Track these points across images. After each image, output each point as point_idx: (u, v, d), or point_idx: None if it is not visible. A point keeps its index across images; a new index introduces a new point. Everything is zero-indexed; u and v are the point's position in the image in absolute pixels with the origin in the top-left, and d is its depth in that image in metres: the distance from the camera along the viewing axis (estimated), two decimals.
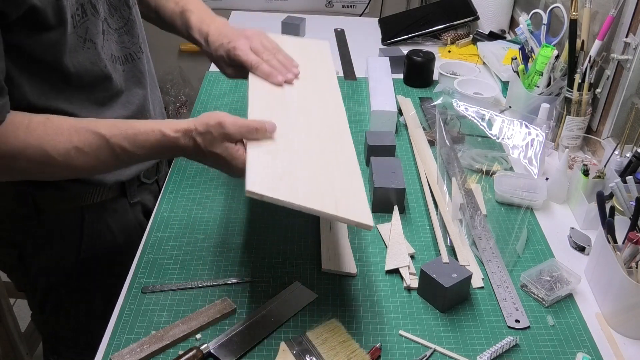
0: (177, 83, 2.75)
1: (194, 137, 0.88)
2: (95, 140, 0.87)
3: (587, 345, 0.88)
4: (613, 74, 1.26)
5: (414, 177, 1.23)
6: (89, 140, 0.87)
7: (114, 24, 1.01)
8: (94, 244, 1.10)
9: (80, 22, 0.91)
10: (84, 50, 0.93)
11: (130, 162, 0.93)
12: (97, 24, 0.95)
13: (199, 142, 0.88)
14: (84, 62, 0.94)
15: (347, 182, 0.86)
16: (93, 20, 0.94)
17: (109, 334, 0.87)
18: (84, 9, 0.92)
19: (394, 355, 0.85)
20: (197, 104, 1.46)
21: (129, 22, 1.05)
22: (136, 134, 0.88)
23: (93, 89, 0.98)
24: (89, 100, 0.98)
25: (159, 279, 0.96)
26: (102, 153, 0.88)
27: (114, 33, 1.01)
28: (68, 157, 0.87)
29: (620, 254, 0.92)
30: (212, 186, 1.17)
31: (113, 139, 0.88)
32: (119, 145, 0.88)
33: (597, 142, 1.28)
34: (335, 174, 0.87)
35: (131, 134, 0.88)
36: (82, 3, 0.91)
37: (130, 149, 0.89)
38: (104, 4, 0.98)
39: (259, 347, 0.85)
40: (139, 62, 1.08)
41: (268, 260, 1.00)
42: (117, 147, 0.88)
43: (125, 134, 0.88)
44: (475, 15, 1.83)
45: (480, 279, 0.98)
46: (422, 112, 1.45)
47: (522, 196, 1.15)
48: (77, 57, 0.93)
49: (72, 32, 0.90)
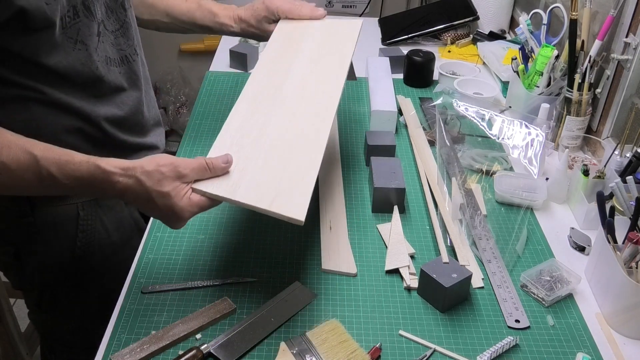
0: (177, 83, 2.75)
1: (138, 175, 0.82)
2: (26, 159, 0.82)
3: (587, 345, 0.88)
4: (613, 74, 1.26)
5: (414, 177, 1.23)
6: (19, 157, 0.82)
7: (110, 25, 1.01)
8: (88, 241, 1.10)
9: (70, 23, 0.91)
10: (74, 52, 0.93)
11: (55, 190, 0.86)
12: (91, 25, 0.95)
13: (143, 180, 0.82)
14: (74, 63, 0.94)
15: (298, 178, 0.87)
16: (86, 21, 0.94)
17: (109, 334, 0.87)
18: (76, 11, 0.91)
19: (394, 355, 0.85)
20: (197, 104, 1.46)
21: (125, 24, 1.05)
22: (68, 162, 0.83)
23: (84, 87, 0.98)
24: (82, 93, 0.99)
25: (159, 279, 0.96)
26: (27, 174, 0.83)
27: (110, 35, 1.01)
28: None
29: (620, 254, 0.92)
30: None
31: (43, 162, 0.82)
32: (46, 169, 0.82)
33: (597, 142, 1.28)
34: (291, 169, 0.89)
35: (63, 161, 0.83)
36: (74, 5, 0.91)
37: (57, 175, 0.83)
38: (101, 6, 0.98)
39: (259, 347, 0.85)
40: (134, 64, 1.08)
41: (268, 260, 1.00)
42: (44, 170, 0.82)
43: (57, 160, 0.83)
44: (475, 15, 1.83)
45: (480, 279, 0.98)
46: (422, 112, 1.45)
47: (522, 196, 1.15)
48: (67, 58, 0.93)
49: (60, 33, 0.89)
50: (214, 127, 1.37)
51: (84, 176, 0.83)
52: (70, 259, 1.10)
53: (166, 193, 0.82)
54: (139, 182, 0.82)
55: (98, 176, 0.83)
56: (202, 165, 0.85)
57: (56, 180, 0.83)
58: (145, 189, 0.82)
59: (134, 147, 1.11)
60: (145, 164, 0.83)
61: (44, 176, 0.83)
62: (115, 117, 1.05)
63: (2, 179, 0.83)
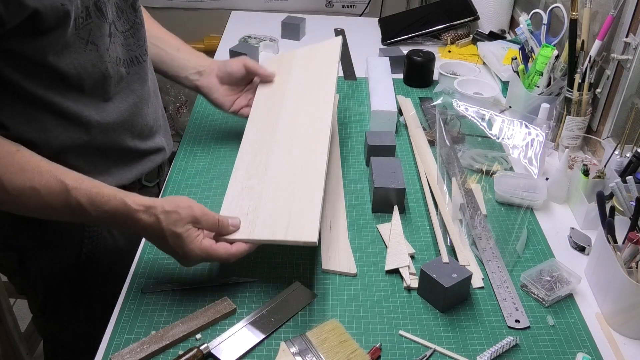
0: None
1: (157, 214, 0.86)
2: (57, 186, 0.85)
3: (587, 345, 0.88)
4: (613, 74, 1.26)
5: (414, 177, 1.23)
6: (50, 184, 0.85)
7: (120, 26, 1.01)
8: (94, 247, 1.09)
9: (83, 24, 0.91)
10: (85, 52, 0.93)
11: (81, 219, 0.89)
12: (103, 26, 0.95)
13: (161, 219, 0.86)
14: (85, 63, 0.93)
15: (305, 205, 0.94)
16: (98, 22, 0.93)
17: (109, 334, 0.87)
18: (89, 12, 0.91)
19: (394, 355, 0.85)
20: (197, 104, 1.46)
21: (135, 25, 1.05)
22: (97, 194, 0.86)
23: (93, 92, 0.98)
24: (90, 99, 0.98)
25: (159, 279, 0.96)
26: (57, 201, 0.86)
27: (120, 35, 1.01)
28: (21, 194, 0.84)
29: (620, 254, 0.92)
30: (212, 186, 1.17)
31: (74, 192, 0.85)
32: (76, 200, 0.85)
33: (597, 142, 1.28)
34: (297, 196, 0.96)
35: (93, 193, 0.86)
36: (87, 5, 0.91)
37: (87, 206, 0.86)
38: (112, 7, 0.98)
39: (259, 347, 0.85)
40: (145, 64, 1.08)
41: (268, 260, 1.00)
42: (74, 200, 0.85)
43: (88, 192, 0.86)
44: (475, 15, 1.83)
45: (480, 279, 0.98)
46: (422, 112, 1.45)
47: (522, 196, 1.15)
48: (78, 59, 0.92)
49: (73, 34, 0.89)
50: (214, 127, 1.37)
51: (110, 210, 0.87)
52: (75, 264, 1.10)
53: (179, 234, 0.87)
54: (157, 221, 0.87)
55: (123, 212, 0.87)
56: (215, 220, 0.90)
57: (84, 211, 0.86)
58: (161, 228, 0.87)
59: (141, 152, 1.10)
60: (165, 204, 0.88)
61: (73, 206, 0.86)
62: (124, 121, 1.03)
63: (30, 203, 0.86)
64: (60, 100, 0.93)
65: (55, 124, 0.95)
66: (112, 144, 1.03)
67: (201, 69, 1.23)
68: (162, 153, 1.16)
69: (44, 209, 0.87)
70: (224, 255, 0.89)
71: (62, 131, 0.95)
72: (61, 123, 0.95)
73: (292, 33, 1.86)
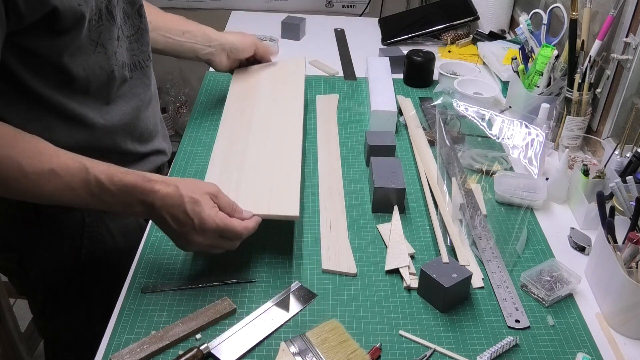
0: (177, 83, 2.75)
1: (176, 184, 0.88)
2: (75, 166, 0.85)
3: (587, 345, 0.88)
4: (613, 74, 1.26)
5: (414, 177, 1.23)
6: (68, 164, 0.85)
7: (126, 31, 1.02)
8: (94, 248, 1.10)
9: (95, 26, 0.92)
10: (94, 54, 0.94)
11: (98, 201, 0.88)
12: (112, 30, 0.95)
13: (180, 187, 0.88)
14: (93, 65, 0.94)
15: (284, 184, 1.02)
16: (108, 25, 0.94)
17: (109, 334, 0.87)
18: (101, 14, 0.92)
19: (394, 355, 0.85)
20: (196, 104, 1.46)
21: (139, 30, 1.06)
22: (116, 170, 0.87)
23: (98, 94, 0.98)
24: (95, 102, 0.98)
25: (159, 279, 0.96)
26: (76, 181, 0.85)
27: (125, 40, 1.02)
28: (40, 178, 0.84)
29: (621, 254, 0.92)
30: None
31: (92, 169, 0.85)
32: (95, 177, 0.85)
33: (597, 142, 1.28)
34: (276, 177, 1.04)
35: (112, 169, 0.87)
36: (100, 8, 0.92)
37: (106, 182, 0.85)
38: (120, 11, 0.98)
39: (259, 347, 0.85)
40: (147, 69, 1.09)
41: (268, 260, 1.00)
42: (93, 177, 0.85)
43: (106, 168, 0.86)
44: (475, 15, 1.83)
45: (480, 279, 0.98)
46: (422, 112, 1.45)
47: (522, 196, 1.15)
48: (88, 61, 0.93)
49: (85, 35, 0.90)
50: (214, 127, 1.36)
51: (129, 183, 0.87)
52: (75, 265, 1.10)
53: (197, 200, 0.87)
54: (177, 188, 0.88)
55: (141, 184, 0.87)
56: (230, 200, 0.92)
57: (103, 188, 0.86)
58: (180, 194, 0.87)
59: (140, 155, 1.11)
60: (181, 179, 0.91)
61: (92, 184, 0.86)
62: (126, 124, 1.04)
63: (49, 187, 0.85)
64: (65, 102, 0.94)
65: (60, 125, 0.95)
66: (113, 146, 1.04)
67: (211, 49, 1.33)
68: (162, 155, 1.17)
69: (63, 191, 0.86)
70: (239, 228, 0.90)
71: (66, 132, 0.96)
72: (65, 124, 0.95)
73: (292, 33, 1.86)
